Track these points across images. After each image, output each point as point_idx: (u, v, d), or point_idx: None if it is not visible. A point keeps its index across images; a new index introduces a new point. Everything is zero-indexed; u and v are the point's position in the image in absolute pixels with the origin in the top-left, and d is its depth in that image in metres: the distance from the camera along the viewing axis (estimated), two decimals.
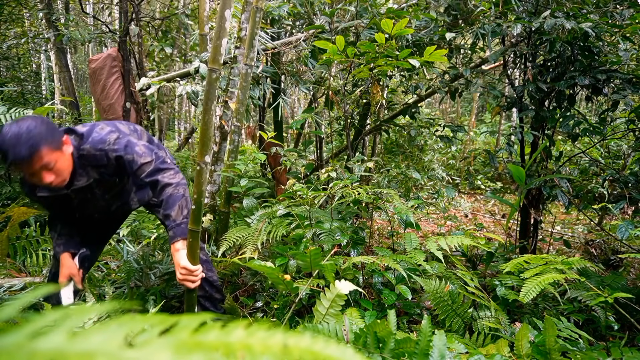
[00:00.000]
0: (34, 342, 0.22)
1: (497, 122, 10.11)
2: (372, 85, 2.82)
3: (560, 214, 5.69)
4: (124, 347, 0.21)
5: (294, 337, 0.23)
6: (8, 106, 2.55)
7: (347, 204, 2.68)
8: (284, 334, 0.23)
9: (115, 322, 0.23)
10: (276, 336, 0.23)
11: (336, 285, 1.27)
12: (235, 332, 0.23)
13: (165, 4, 7.13)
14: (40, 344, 0.22)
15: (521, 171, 2.54)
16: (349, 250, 2.42)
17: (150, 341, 0.22)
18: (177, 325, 0.24)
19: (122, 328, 0.22)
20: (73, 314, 0.24)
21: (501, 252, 2.80)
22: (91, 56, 6.29)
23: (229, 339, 0.23)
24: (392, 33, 2.18)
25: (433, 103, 10.38)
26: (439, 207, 5.53)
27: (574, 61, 2.60)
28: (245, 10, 2.73)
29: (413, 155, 5.62)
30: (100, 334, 0.22)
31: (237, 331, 0.23)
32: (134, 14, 4.25)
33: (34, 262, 2.76)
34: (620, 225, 2.35)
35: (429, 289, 1.88)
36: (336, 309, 1.39)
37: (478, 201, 7.27)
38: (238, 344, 0.22)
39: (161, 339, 0.22)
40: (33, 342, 0.22)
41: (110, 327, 0.22)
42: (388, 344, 1.13)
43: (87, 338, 0.22)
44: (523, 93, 2.79)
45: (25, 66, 6.22)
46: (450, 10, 3.06)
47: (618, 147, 3.95)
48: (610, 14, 2.50)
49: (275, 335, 0.23)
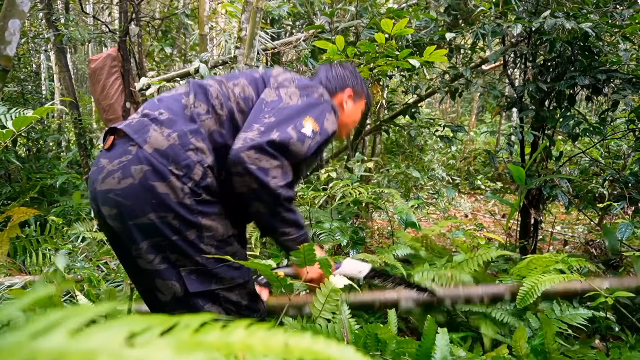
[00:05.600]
0: (35, 341, 0.22)
1: (497, 122, 10.11)
2: (372, 85, 2.82)
3: (560, 214, 5.69)
4: (126, 346, 0.21)
5: (295, 337, 0.23)
6: (8, 106, 2.54)
7: (347, 204, 2.68)
8: (285, 333, 0.23)
9: (116, 321, 0.23)
10: (277, 336, 0.23)
11: (331, 280, 1.28)
12: (235, 332, 0.23)
13: (165, 4, 7.13)
14: (41, 343, 0.22)
15: (521, 171, 2.54)
16: (349, 250, 2.42)
17: (151, 340, 0.22)
18: (178, 325, 0.24)
19: (124, 327, 0.22)
20: (73, 314, 0.24)
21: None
22: (91, 56, 6.29)
23: (229, 339, 0.23)
24: (392, 33, 2.18)
25: (433, 103, 10.39)
26: (439, 207, 5.53)
27: (574, 61, 2.60)
28: (246, 10, 2.73)
29: (413, 155, 5.62)
30: (102, 333, 0.22)
31: (238, 331, 0.23)
32: (133, 14, 4.25)
33: (34, 261, 2.75)
34: (620, 225, 2.35)
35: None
36: (332, 304, 1.40)
37: (478, 201, 7.26)
38: (239, 344, 0.22)
39: (162, 338, 0.22)
40: (34, 341, 0.22)
41: (111, 326, 0.22)
42: (389, 345, 1.13)
43: (89, 337, 0.22)
44: (523, 93, 2.79)
45: (25, 66, 6.21)
46: (450, 10, 3.06)
47: (618, 147, 3.96)
48: (610, 14, 2.50)
49: (276, 335, 0.23)
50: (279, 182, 1.14)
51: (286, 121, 1.17)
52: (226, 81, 1.29)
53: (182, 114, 1.19)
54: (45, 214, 3.84)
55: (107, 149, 1.18)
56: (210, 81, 1.28)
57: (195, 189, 1.14)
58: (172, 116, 1.18)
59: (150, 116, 1.19)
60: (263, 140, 1.11)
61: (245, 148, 1.10)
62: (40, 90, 6.64)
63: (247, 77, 1.32)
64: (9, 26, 1.29)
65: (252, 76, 1.33)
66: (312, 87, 1.32)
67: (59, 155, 6.12)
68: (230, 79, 1.31)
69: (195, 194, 1.14)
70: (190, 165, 1.13)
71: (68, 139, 6.67)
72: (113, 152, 1.16)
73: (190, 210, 1.13)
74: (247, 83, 1.29)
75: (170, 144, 1.13)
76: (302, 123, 1.19)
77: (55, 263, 1.64)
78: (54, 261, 1.69)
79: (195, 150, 1.15)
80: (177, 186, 1.12)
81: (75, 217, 3.77)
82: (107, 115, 4.48)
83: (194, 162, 1.14)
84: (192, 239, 1.15)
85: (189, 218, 1.13)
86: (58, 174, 4.67)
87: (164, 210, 1.11)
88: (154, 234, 1.13)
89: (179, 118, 1.18)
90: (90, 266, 2.56)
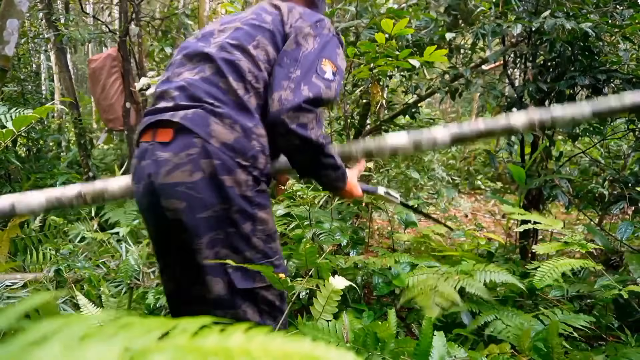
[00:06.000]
0: (29, 354, 0.21)
1: None
2: (372, 85, 2.82)
3: (560, 214, 5.68)
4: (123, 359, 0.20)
5: (294, 341, 0.23)
6: (8, 106, 2.54)
7: (347, 204, 2.68)
8: (284, 338, 0.23)
9: (113, 329, 0.23)
10: (276, 341, 0.22)
11: (330, 281, 1.29)
12: (234, 337, 0.23)
13: (165, 4, 7.13)
14: (35, 356, 0.21)
15: (521, 171, 2.54)
16: (349, 250, 2.43)
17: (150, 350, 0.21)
18: (176, 329, 0.23)
19: (120, 338, 0.22)
20: (71, 323, 0.24)
21: (501, 252, 2.80)
22: (91, 56, 6.29)
23: (228, 343, 0.22)
24: (392, 33, 2.18)
25: (433, 103, 10.38)
26: (439, 207, 5.53)
27: (574, 61, 2.60)
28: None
29: (413, 155, 5.61)
30: (98, 345, 0.21)
31: (236, 336, 0.23)
32: (133, 14, 4.25)
33: (34, 259, 2.75)
34: (620, 225, 2.35)
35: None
36: (332, 305, 1.41)
37: (478, 201, 7.26)
38: (237, 349, 0.22)
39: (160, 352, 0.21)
40: (28, 354, 0.21)
41: (108, 336, 0.22)
42: (388, 344, 1.13)
43: (85, 350, 0.21)
44: (523, 93, 2.79)
45: (25, 66, 6.21)
46: (450, 10, 3.06)
47: (618, 147, 3.95)
48: (610, 14, 2.50)
49: (275, 339, 0.22)
50: (317, 132, 1.19)
51: (309, 71, 1.20)
52: (247, 45, 1.24)
53: (231, 102, 1.19)
54: (45, 213, 3.84)
55: (164, 142, 1.16)
56: (236, 52, 1.23)
57: (259, 177, 1.19)
58: (223, 107, 1.17)
59: (204, 107, 1.16)
60: (299, 99, 1.15)
61: (284, 110, 1.14)
62: (40, 90, 6.63)
63: (262, 32, 1.27)
64: (7, 26, 1.28)
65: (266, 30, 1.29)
66: (321, 21, 1.33)
67: (59, 155, 6.12)
68: (248, 40, 1.25)
69: (258, 182, 1.19)
70: (255, 155, 1.17)
71: (68, 139, 6.67)
72: (174, 145, 1.14)
73: (250, 202, 1.17)
74: (267, 42, 1.27)
75: (235, 137, 1.15)
76: (322, 68, 1.23)
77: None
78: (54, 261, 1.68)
79: (257, 138, 1.18)
80: (242, 179, 1.15)
81: (75, 217, 3.77)
82: (107, 115, 4.48)
83: (258, 151, 1.17)
84: (246, 231, 1.18)
85: (248, 210, 1.17)
86: (58, 174, 4.67)
87: (228, 202, 1.14)
88: (216, 227, 1.15)
89: (230, 107, 1.18)
90: (90, 266, 2.56)
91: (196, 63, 1.25)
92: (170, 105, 1.19)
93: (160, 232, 1.28)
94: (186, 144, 1.13)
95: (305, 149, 1.20)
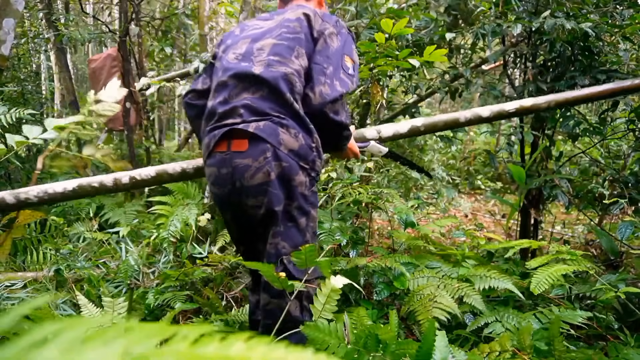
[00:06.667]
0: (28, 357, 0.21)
1: (497, 122, 10.09)
2: (372, 85, 2.82)
3: (560, 214, 5.68)
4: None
5: (296, 352, 0.22)
6: (8, 106, 2.54)
7: (347, 204, 2.67)
8: (286, 348, 0.23)
9: (112, 333, 0.22)
10: (277, 351, 0.22)
11: (330, 280, 1.30)
12: (235, 345, 0.23)
13: (165, 4, 7.12)
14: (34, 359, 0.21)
15: (521, 171, 2.54)
16: (349, 250, 2.42)
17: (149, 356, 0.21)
18: (176, 336, 0.23)
19: (120, 342, 0.22)
20: (70, 326, 0.23)
21: (501, 252, 2.80)
22: (91, 56, 6.29)
23: (228, 352, 0.22)
24: (392, 33, 2.17)
25: (433, 103, 10.38)
26: (439, 207, 5.53)
27: (574, 61, 2.59)
28: (244, 10, 2.73)
29: (413, 155, 5.61)
30: (97, 349, 0.21)
31: (237, 344, 0.23)
32: (133, 14, 4.24)
33: (34, 259, 2.75)
34: (620, 225, 2.34)
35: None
36: (332, 304, 1.41)
37: (478, 201, 7.26)
38: (238, 358, 0.22)
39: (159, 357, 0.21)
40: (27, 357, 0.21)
41: (107, 340, 0.22)
42: (390, 346, 1.13)
43: (83, 354, 0.21)
44: (523, 93, 2.78)
45: (25, 66, 6.20)
46: (450, 10, 3.05)
47: (618, 147, 3.95)
48: (610, 14, 2.50)
49: (277, 349, 0.22)
50: (345, 115, 1.45)
51: (338, 67, 1.42)
52: (290, 57, 1.40)
53: (290, 114, 1.37)
54: (45, 213, 3.84)
55: (240, 151, 1.34)
56: (281, 68, 1.38)
57: (315, 178, 1.42)
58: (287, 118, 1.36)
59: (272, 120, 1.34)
60: (335, 94, 1.38)
61: (326, 103, 1.37)
62: (40, 90, 6.62)
63: (298, 42, 1.44)
64: (3, 25, 1.29)
65: (300, 39, 1.44)
66: (338, 20, 1.53)
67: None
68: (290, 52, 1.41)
69: (313, 182, 1.42)
70: (314, 159, 1.40)
71: (68, 139, 6.66)
72: (250, 152, 1.33)
73: (306, 200, 1.40)
74: (303, 49, 1.43)
75: (299, 145, 1.36)
76: (346, 64, 1.44)
77: None
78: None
79: (315, 146, 1.41)
80: (303, 180, 1.37)
81: (75, 217, 3.76)
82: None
83: (315, 156, 1.40)
84: (302, 227, 1.39)
85: (305, 207, 1.39)
86: (58, 174, 4.67)
87: (291, 199, 1.36)
88: (282, 219, 1.36)
89: (290, 118, 1.37)
90: (90, 266, 2.55)
91: (252, 84, 1.40)
92: (238, 120, 1.36)
93: (241, 224, 1.48)
94: (261, 150, 1.32)
95: (336, 129, 1.47)
